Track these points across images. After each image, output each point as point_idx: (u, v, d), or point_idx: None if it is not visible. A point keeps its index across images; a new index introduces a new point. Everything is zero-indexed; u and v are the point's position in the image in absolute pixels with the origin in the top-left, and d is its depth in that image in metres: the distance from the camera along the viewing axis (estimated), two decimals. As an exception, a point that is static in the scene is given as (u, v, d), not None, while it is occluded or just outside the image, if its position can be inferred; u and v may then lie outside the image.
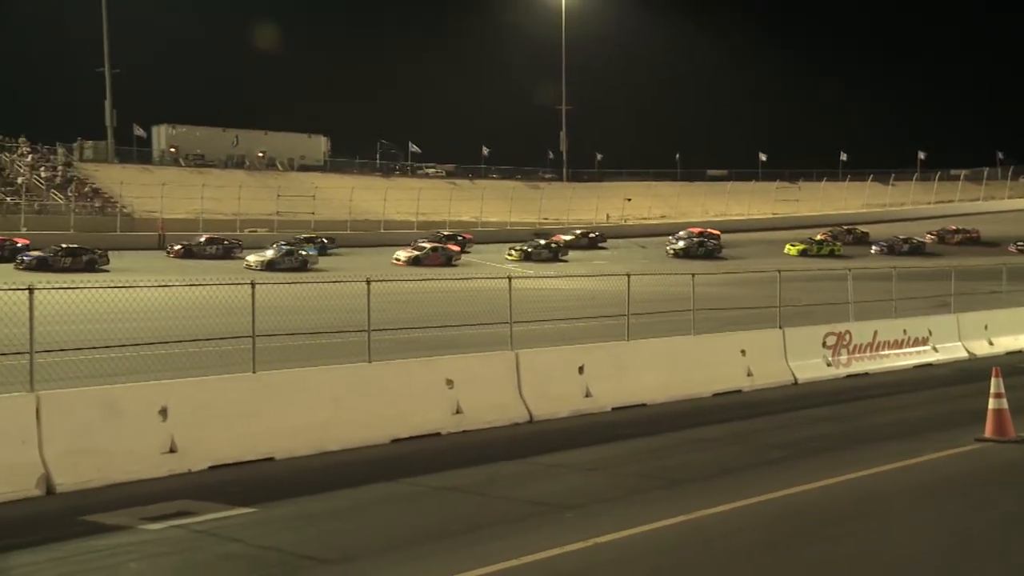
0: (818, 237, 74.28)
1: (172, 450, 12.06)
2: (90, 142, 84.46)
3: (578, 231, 77.18)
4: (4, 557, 8.98)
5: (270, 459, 12.72)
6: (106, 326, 17.32)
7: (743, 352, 19.51)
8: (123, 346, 16.57)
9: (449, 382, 14.96)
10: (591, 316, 23.43)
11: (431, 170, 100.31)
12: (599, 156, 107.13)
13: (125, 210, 69.88)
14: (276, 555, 9.13)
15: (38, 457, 11.05)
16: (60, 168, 76.01)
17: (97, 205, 71.08)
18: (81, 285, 12.90)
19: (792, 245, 72.14)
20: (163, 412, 12.13)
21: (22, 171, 72.55)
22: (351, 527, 10.12)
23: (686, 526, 9.90)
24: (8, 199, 67.10)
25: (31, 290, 11.57)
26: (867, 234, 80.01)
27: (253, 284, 13.52)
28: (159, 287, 17.39)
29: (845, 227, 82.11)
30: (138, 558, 9.00)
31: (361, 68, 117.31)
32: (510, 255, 65.29)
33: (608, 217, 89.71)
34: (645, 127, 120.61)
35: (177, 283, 19.42)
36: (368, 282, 14.76)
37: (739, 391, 18.96)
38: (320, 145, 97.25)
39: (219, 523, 10.02)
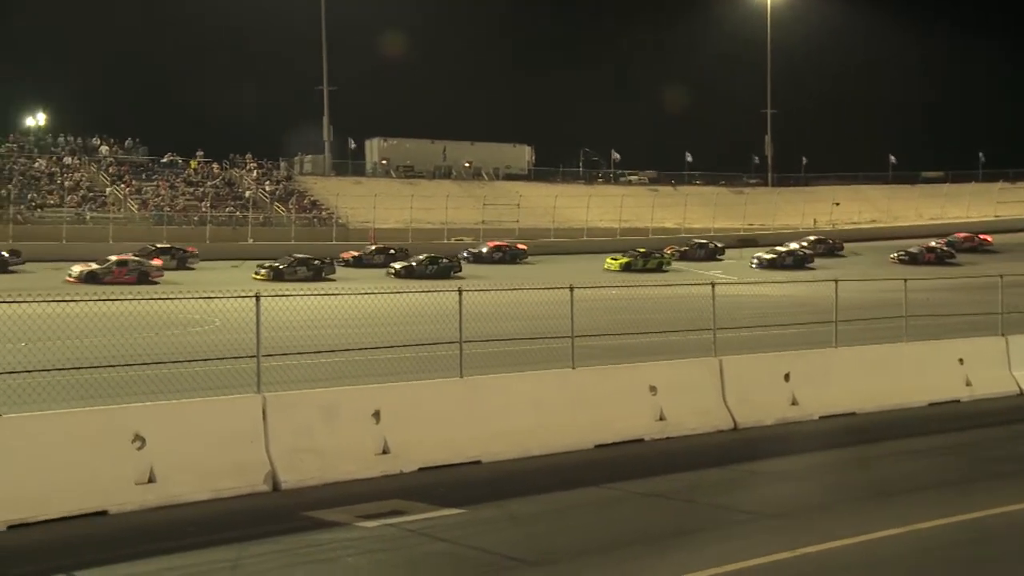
0: (641, 249, 63.94)
1: (385, 451, 12.55)
2: (309, 156, 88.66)
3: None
4: (237, 548, 9.64)
5: (477, 462, 13.06)
6: (322, 332, 18.20)
7: (961, 360, 18.62)
8: (339, 351, 17.37)
9: (652, 388, 14.98)
10: (797, 323, 22.88)
11: (634, 177, 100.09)
12: (805, 160, 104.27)
13: (340, 220, 72.96)
14: (482, 556, 9.41)
15: (265, 455, 11.74)
16: (282, 182, 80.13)
17: (315, 216, 74.56)
18: (298, 292, 13.61)
19: (613, 259, 62.16)
20: (376, 415, 12.64)
21: (249, 185, 76.92)
22: (555, 530, 10.30)
23: (900, 538, 9.60)
24: (237, 212, 71.33)
25: (257, 297, 12.31)
26: (721, 247, 70.57)
27: (460, 291, 13.91)
28: (367, 294, 18.12)
29: (697, 241, 71.40)
30: (354, 554, 9.47)
31: (564, 77, 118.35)
32: (256, 274, 52.26)
33: (815, 222, 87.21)
34: (854, 129, 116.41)
35: (386, 291, 20.20)
36: (571, 288, 14.96)
37: (956, 401, 18.12)
38: (524, 154, 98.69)
39: (429, 523, 10.38)
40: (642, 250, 63.57)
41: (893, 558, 9.11)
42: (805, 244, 69.62)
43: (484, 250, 64.86)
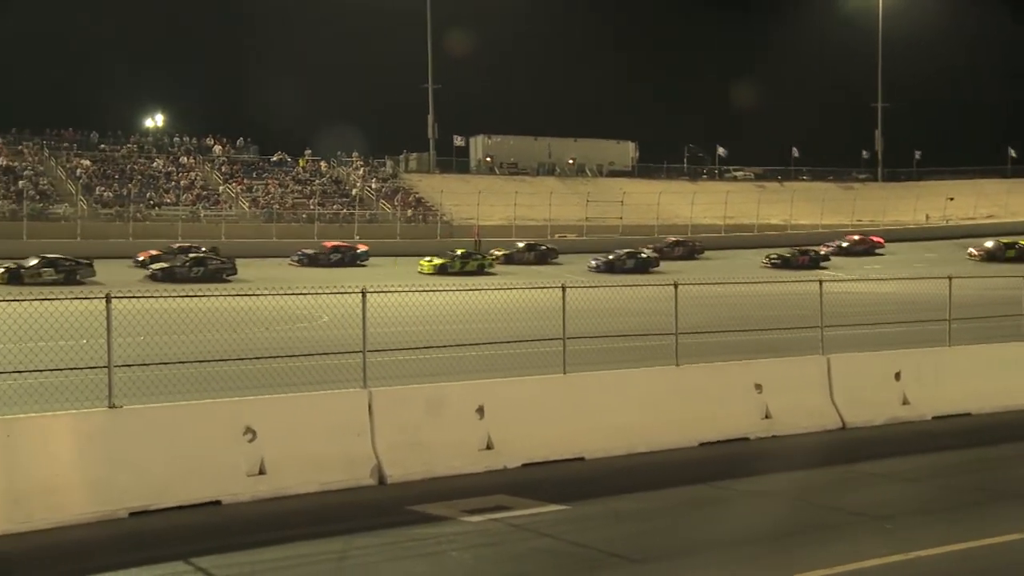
0: (461, 250, 57.82)
1: (489, 447, 12.63)
2: (414, 154, 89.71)
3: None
4: (344, 540, 9.84)
5: (580, 459, 13.05)
6: (426, 327, 18.40)
7: (1085, 361, 17.90)
8: (442, 347, 17.54)
9: (758, 386, 14.78)
10: (907, 320, 22.30)
11: (739, 173, 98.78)
12: (918, 154, 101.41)
13: (444, 217, 73.65)
14: (586, 552, 9.42)
15: (371, 449, 11.92)
16: (388, 179, 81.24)
17: (420, 213, 75.42)
18: (407, 288, 13.78)
19: (427, 260, 56.29)
20: (480, 410, 12.72)
21: (356, 183, 78.21)
22: (659, 528, 10.25)
23: (1017, 545, 9.30)
24: (344, 210, 72.59)
25: (364, 293, 12.51)
26: (555, 251, 63.46)
27: (564, 287, 13.92)
28: (473, 291, 18.31)
29: (525, 243, 64.21)
30: (459, 548, 9.57)
31: (669, 72, 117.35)
32: None
33: (928, 218, 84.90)
34: (970, 122, 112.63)
35: (488, 288, 20.35)
36: (675, 285, 14.86)
37: (1080, 403, 17.43)
38: (628, 151, 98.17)
39: (533, 519, 10.43)
40: (461, 251, 57.80)
41: (1009, 566, 8.83)
42: (652, 247, 64.04)
43: (313, 252, 58.21)
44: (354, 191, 76.43)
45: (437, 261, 55.54)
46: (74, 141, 75.24)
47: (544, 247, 64.15)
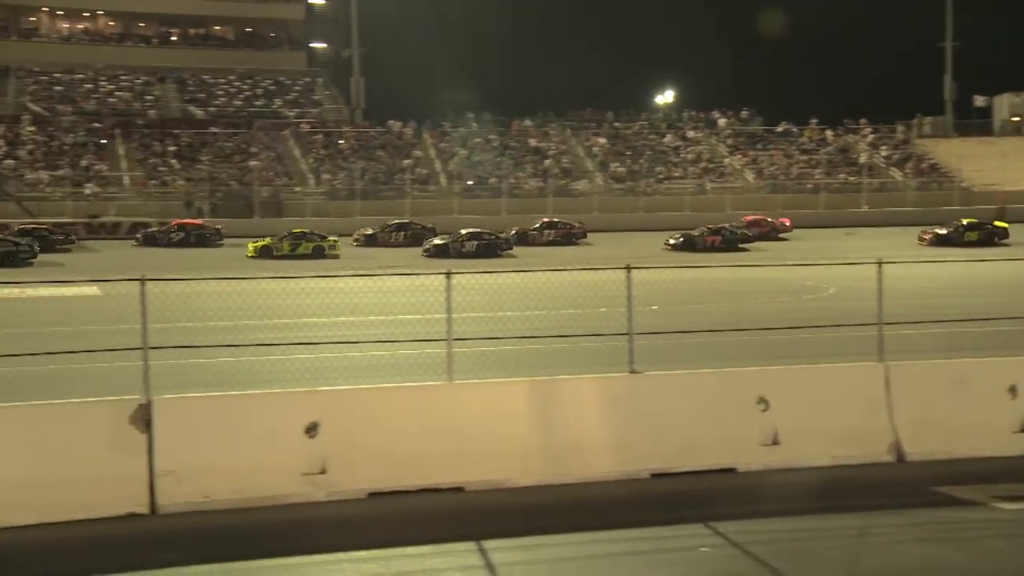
0: (298, 229, 49.10)
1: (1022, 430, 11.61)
2: (928, 118, 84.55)
3: None
4: (863, 516, 9.58)
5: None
6: (948, 301, 17.40)
7: None
8: (967, 320, 16.50)
9: None
10: None
11: None
12: None
13: (962, 184, 68.86)
14: None
15: (888, 425, 11.44)
16: (899, 146, 77.54)
17: (933, 180, 71.17)
18: (919, 259, 13.05)
19: (253, 242, 46.99)
20: (1012, 390, 11.74)
21: (864, 151, 75.50)
22: None
23: None
24: (850, 178, 70.42)
25: (879, 264, 11.97)
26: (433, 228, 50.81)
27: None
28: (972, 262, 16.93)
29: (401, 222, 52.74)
30: (992, 536, 8.96)
31: None
32: None
33: None
34: None
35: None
36: None
37: None
38: None
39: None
40: (298, 230, 49.40)
41: None
42: (517, 230, 51.25)
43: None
44: (861, 159, 73.80)
45: (261, 243, 47.49)
46: (592, 120, 79.94)
47: (421, 225, 52.92)
